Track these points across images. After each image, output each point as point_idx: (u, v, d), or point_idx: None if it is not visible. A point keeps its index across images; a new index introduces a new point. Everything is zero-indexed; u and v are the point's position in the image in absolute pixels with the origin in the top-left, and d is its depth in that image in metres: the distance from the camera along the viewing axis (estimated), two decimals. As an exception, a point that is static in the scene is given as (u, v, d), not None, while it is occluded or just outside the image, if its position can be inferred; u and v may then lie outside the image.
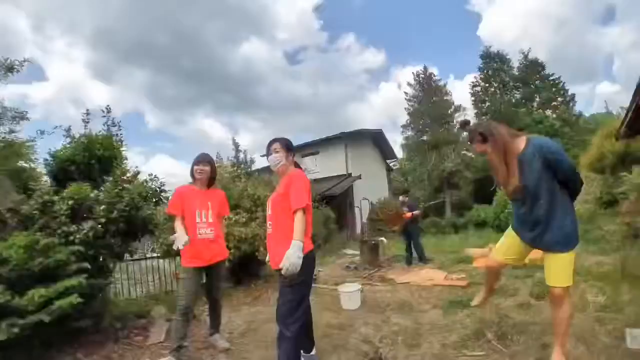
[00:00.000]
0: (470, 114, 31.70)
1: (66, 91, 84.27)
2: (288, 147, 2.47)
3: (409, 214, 7.32)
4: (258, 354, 3.01)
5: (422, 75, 32.10)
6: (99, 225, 3.26)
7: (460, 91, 64.76)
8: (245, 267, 5.92)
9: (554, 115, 28.66)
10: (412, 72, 33.20)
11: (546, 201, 2.05)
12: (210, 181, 3.15)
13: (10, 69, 3.83)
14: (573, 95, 30.29)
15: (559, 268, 2.10)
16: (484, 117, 31.46)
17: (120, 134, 4.53)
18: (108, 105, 4.51)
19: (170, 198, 3.23)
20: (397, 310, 3.96)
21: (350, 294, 4.18)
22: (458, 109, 30.92)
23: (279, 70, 66.24)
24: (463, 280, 4.94)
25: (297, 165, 2.56)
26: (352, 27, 70.91)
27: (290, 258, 2.01)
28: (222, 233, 3.24)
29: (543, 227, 2.09)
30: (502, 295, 3.92)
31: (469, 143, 2.44)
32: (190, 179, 3.14)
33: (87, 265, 3.07)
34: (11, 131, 4.01)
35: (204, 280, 3.10)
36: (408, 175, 31.43)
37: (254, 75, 65.40)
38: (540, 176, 2.02)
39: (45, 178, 4.04)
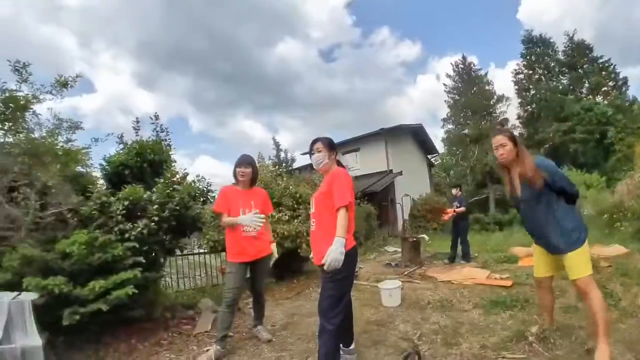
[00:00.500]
0: (514, 104, 30.28)
1: (114, 101, 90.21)
2: (330, 145, 2.52)
3: (450, 210, 7.20)
4: (299, 346, 3.10)
5: (461, 65, 31.02)
6: (152, 224, 3.48)
7: (502, 80, 60.74)
8: (288, 263, 6.04)
9: (605, 102, 26.62)
10: (451, 63, 32.28)
11: (544, 212, 2.32)
12: (252, 181, 3.28)
13: (64, 84, 4.13)
14: (625, 79, 27.95)
15: (574, 263, 2.27)
16: (528, 107, 29.87)
17: (169, 139, 4.79)
18: (156, 113, 4.78)
19: (216, 197, 3.41)
20: (437, 308, 3.93)
21: (390, 290, 4.18)
22: (501, 99, 29.49)
23: (315, 68, 66.69)
24: (507, 281, 4.77)
25: (339, 164, 2.60)
26: (385, 21, 70.03)
27: (333, 254, 2.06)
28: (266, 230, 3.34)
29: (546, 235, 2.35)
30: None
31: (495, 131, 2.49)
32: (233, 180, 3.29)
33: (141, 259, 3.30)
34: (68, 140, 4.32)
35: (249, 275, 3.23)
36: (449, 170, 30.50)
37: (290, 75, 66.28)
38: (539, 192, 2.29)
39: (101, 181, 4.36)
